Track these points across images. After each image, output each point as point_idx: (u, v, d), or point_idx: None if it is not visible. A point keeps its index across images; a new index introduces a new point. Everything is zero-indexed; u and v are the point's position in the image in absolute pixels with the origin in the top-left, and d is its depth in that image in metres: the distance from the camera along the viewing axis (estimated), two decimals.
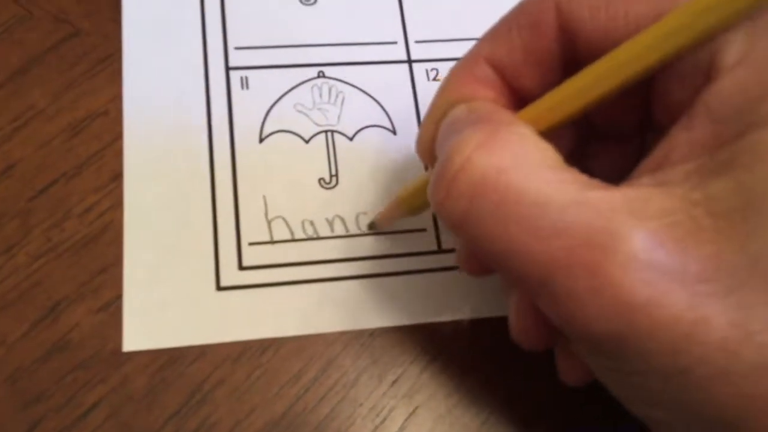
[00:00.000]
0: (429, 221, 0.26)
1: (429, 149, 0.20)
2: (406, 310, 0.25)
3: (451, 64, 0.27)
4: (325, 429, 0.23)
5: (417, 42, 0.29)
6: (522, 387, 0.24)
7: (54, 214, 0.24)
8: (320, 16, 0.29)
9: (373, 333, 0.25)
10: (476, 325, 0.25)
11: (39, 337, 0.23)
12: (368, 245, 0.25)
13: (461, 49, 0.28)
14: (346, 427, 0.23)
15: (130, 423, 0.22)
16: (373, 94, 0.28)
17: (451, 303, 0.25)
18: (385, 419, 0.23)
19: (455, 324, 0.25)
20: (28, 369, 0.23)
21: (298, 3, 0.29)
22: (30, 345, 0.23)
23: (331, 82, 0.28)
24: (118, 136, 0.26)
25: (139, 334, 0.23)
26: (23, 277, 0.24)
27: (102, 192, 0.25)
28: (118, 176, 0.25)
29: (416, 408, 0.24)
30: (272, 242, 0.25)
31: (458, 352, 0.25)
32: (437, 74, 0.28)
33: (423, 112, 0.27)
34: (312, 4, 0.29)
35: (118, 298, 0.24)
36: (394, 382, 0.24)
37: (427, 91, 0.28)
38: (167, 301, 0.24)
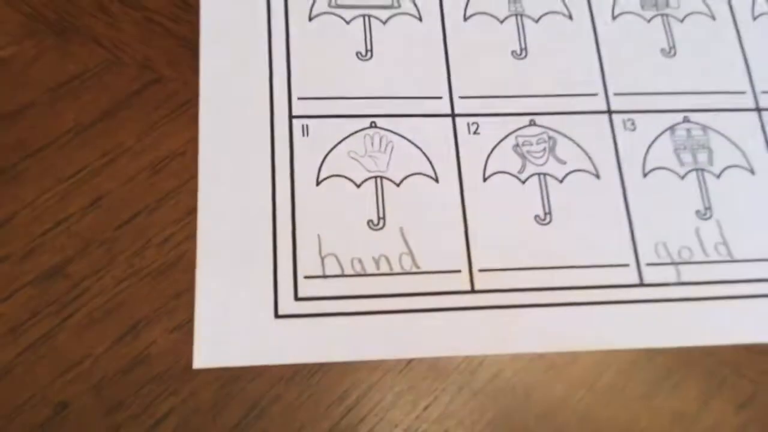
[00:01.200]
0: (465, 263, 0.29)
1: None
2: (440, 343, 0.28)
3: (491, 119, 0.30)
4: None
5: (461, 97, 0.32)
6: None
7: (136, 243, 0.28)
8: (375, 71, 0.32)
9: (410, 362, 0.28)
10: (498, 359, 0.28)
11: (121, 352, 0.26)
12: (408, 283, 0.29)
13: (501, 106, 0.31)
14: None
15: (200, 429, 0.26)
16: (419, 144, 0.31)
17: (483, 338, 0.28)
18: None
19: (482, 358, 0.28)
20: (111, 379, 0.26)
21: (356, 58, 0.32)
22: (113, 358, 0.26)
23: (382, 132, 0.31)
24: (194, 175, 0.29)
25: (208, 353, 0.27)
26: (108, 298, 0.27)
27: (178, 225, 0.28)
28: (192, 211, 0.29)
29: (446, 430, 0.27)
30: (324, 277, 0.28)
31: (481, 383, 0.28)
32: (477, 128, 0.31)
33: (463, 162, 0.30)
34: (368, 59, 0.32)
35: (190, 320, 0.27)
36: (426, 407, 0.27)
37: (468, 143, 0.31)
38: (232, 325, 0.27)
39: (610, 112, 0.32)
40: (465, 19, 0.33)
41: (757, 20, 0.35)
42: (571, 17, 0.34)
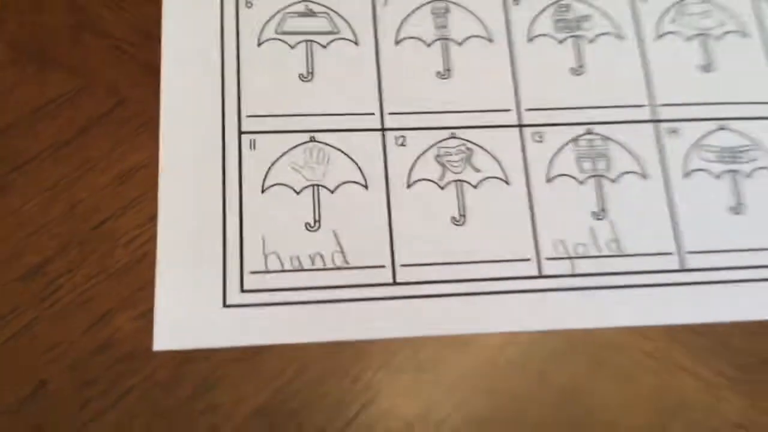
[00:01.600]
0: (389, 259, 0.34)
1: None
2: (365, 328, 0.33)
3: (416, 132, 0.35)
4: (297, 416, 0.31)
5: (390, 114, 0.37)
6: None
7: (105, 244, 0.33)
8: (315, 91, 0.37)
9: (339, 344, 0.33)
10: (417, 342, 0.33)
11: (92, 337, 0.31)
12: (339, 277, 0.33)
13: (426, 121, 0.35)
14: (315, 414, 0.31)
15: (156, 403, 0.31)
16: (352, 156, 0.36)
17: (402, 324, 0.33)
18: (348, 409, 0.32)
19: (402, 341, 0.33)
20: (83, 360, 0.31)
21: (298, 80, 0.37)
22: (85, 342, 0.31)
23: (320, 145, 0.36)
24: (155, 185, 0.34)
25: (166, 337, 0.32)
26: (81, 292, 0.32)
27: (142, 228, 0.33)
28: (154, 216, 0.33)
29: (375, 396, 0.32)
30: (267, 272, 0.33)
31: (400, 362, 0.33)
32: (404, 140, 0.36)
33: (390, 171, 0.35)
34: (309, 80, 0.37)
35: (151, 310, 0.32)
36: (354, 381, 0.32)
37: (395, 154, 0.36)
38: (187, 313, 0.32)
39: (521, 125, 0.37)
40: (396, 43, 0.38)
41: (660, 39, 0.39)
42: (491, 40, 0.38)
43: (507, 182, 0.36)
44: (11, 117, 0.34)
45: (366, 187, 0.35)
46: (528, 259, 0.35)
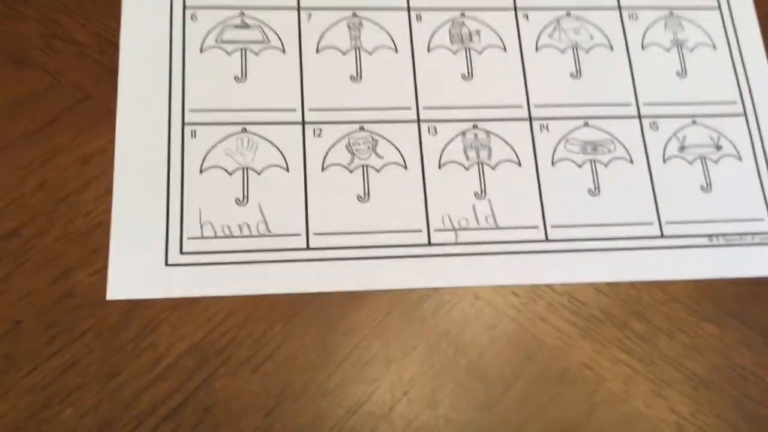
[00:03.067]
0: (303, 228, 0.41)
1: None
2: (282, 284, 0.40)
3: (331, 125, 0.42)
4: (223, 352, 0.39)
5: (310, 109, 0.44)
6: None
7: (69, 214, 0.40)
8: (247, 90, 0.44)
9: (258, 297, 0.40)
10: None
11: (57, 288, 0.39)
12: (262, 243, 0.41)
13: (340, 116, 0.43)
14: (238, 352, 0.39)
15: (108, 342, 0.38)
16: (277, 144, 0.43)
17: (312, 281, 0.41)
18: (266, 348, 0.39)
19: (311, 296, 0.40)
20: (50, 306, 0.38)
21: (234, 81, 0.44)
22: (50, 293, 0.39)
23: (250, 135, 0.43)
24: (111, 166, 0.41)
25: (117, 289, 0.39)
26: (49, 252, 0.39)
27: (99, 201, 0.41)
28: (109, 191, 0.41)
29: (286, 339, 0.39)
30: (203, 237, 0.41)
31: (308, 313, 0.40)
32: (321, 132, 0.44)
33: (308, 157, 0.43)
34: (243, 81, 0.44)
35: (106, 267, 0.39)
36: (266, 330, 0.40)
37: (313, 143, 0.43)
38: (135, 270, 0.39)
39: (419, 121, 0.45)
40: (317, 51, 0.46)
41: (539, 51, 0.47)
42: (396, 50, 0.46)
43: (405, 167, 0.43)
44: None
45: (287, 170, 0.43)
46: (420, 230, 0.42)
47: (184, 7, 0.45)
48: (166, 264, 0.40)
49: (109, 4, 0.44)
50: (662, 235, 0.43)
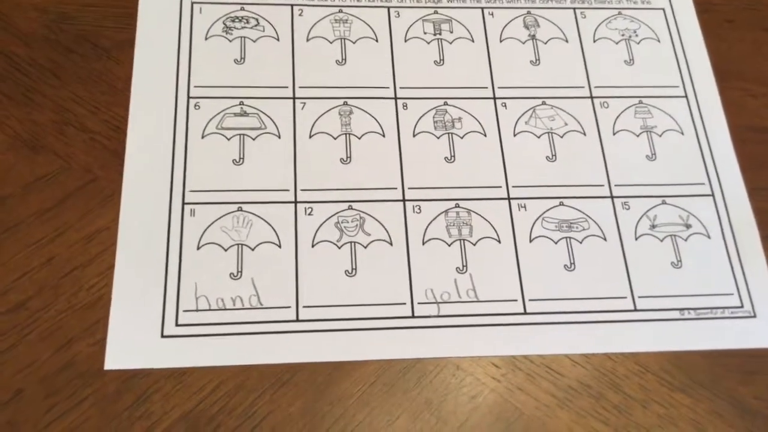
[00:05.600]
0: (293, 301, 0.44)
1: None
2: (273, 355, 0.42)
3: (321, 204, 0.45)
4: (214, 420, 0.40)
5: (302, 190, 0.47)
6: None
7: (73, 287, 0.43)
8: (244, 172, 0.47)
9: (249, 367, 0.42)
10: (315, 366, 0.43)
11: (59, 358, 0.41)
12: (254, 315, 0.43)
13: (330, 196, 0.46)
14: (228, 420, 0.40)
15: (105, 409, 0.40)
16: (270, 222, 0.46)
17: (303, 352, 0.43)
18: (255, 416, 0.41)
19: (298, 366, 0.42)
20: (51, 375, 0.41)
21: (232, 164, 0.48)
22: (52, 362, 0.41)
23: (245, 213, 0.46)
24: (114, 243, 0.44)
25: (115, 359, 0.41)
26: (53, 323, 0.42)
27: (102, 276, 0.43)
28: (111, 267, 0.43)
29: (275, 408, 0.41)
30: (197, 310, 0.43)
31: (297, 381, 0.42)
32: (312, 210, 0.47)
33: (299, 234, 0.45)
34: (240, 164, 0.48)
35: (105, 338, 0.42)
36: (256, 398, 0.41)
37: (304, 221, 0.46)
38: (133, 342, 0.42)
39: (404, 200, 0.48)
40: (310, 137, 0.49)
41: (517, 136, 0.50)
42: (384, 135, 0.50)
43: (391, 243, 0.46)
44: (8, 190, 0.45)
45: (280, 246, 0.45)
46: (404, 303, 0.45)
47: (188, 97, 0.49)
48: (162, 335, 0.42)
49: (118, 94, 0.48)
50: (635, 309, 0.45)
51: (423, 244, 0.46)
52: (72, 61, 0.49)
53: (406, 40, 0.53)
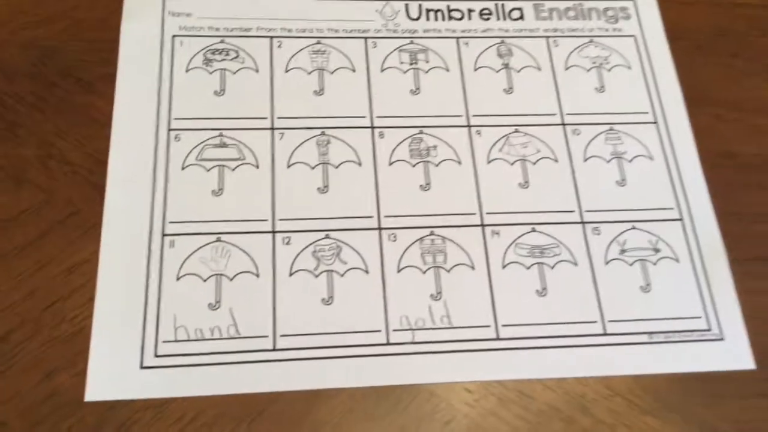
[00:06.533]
0: (271, 330, 0.45)
1: None
2: (251, 384, 0.43)
3: (299, 234, 0.46)
4: None
5: (280, 219, 0.48)
6: None
7: (54, 319, 0.44)
8: (223, 202, 0.48)
9: (227, 397, 0.43)
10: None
11: (41, 389, 0.42)
12: (232, 345, 0.44)
13: (307, 225, 0.47)
14: None
15: None
16: (248, 251, 0.47)
17: (281, 381, 0.44)
18: None
19: (278, 394, 0.43)
20: (34, 406, 0.41)
21: (211, 195, 0.49)
22: (34, 394, 0.42)
23: (224, 244, 0.47)
24: (95, 275, 0.45)
25: (96, 390, 0.42)
26: (35, 355, 0.43)
27: (83, 308, 0.44)
28: (92, 298, 0.44)
29: None
30: (176, 341, 0.44)
31: (276, 410, 0.43)
32: (289, 240, 0.48)
33: (277, 263, 0.46)
34: (220, 195, 0.49)
35: (86, 369, 0.43)
36: (233, 428, 0.42)
37: (282, 250, 0.47)
38: (113, 372, 0.43)
39: (380, 228, 0.49)
40: (288, 166, 0.50)
41: (490, 164, 0.52)
42: (360, 164, 0.51)
43: (367, 272, 0.47)
44: None
45: (258, 275, 0.47)
46: (379, 330, 0.46)
47: (169, 129, 0.50)
48: (142, 366, 0.43)
49: (100, 127, 0.49)
50: (605, 333, 0.46)
51: (398, 271, 0.47)
52: (55, 95, 0.50)
53: (382, 70, 0.54)
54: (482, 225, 0.49)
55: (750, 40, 0.58)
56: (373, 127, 0.52)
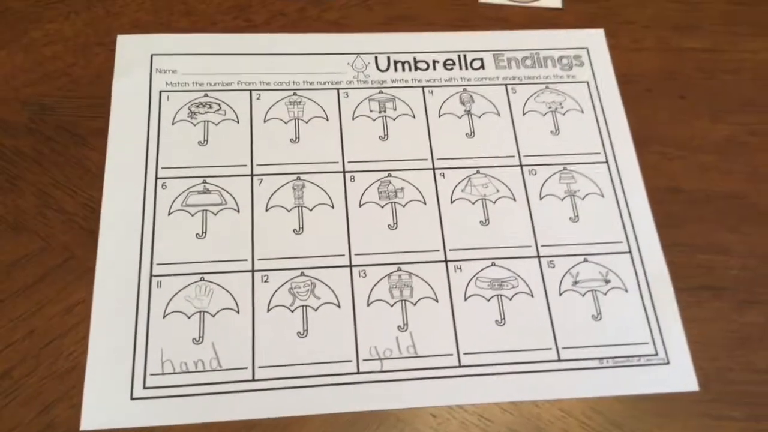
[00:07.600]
0: (250, 362, 0.49)
1: None
2: (230, 413, 0.47)
3: (276, 272, 0.51)
4: None
5: (259, 259, 0.53)
6: None
7: (52, 356, 0.48)
8: (205, 244, 0.53)
9: (211, 425, 0.47)
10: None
11: (40, 420, 0.46)
12: (214, 376, 0.48)
13: (283, 264, 0.51)
14: None
15: None
16: (229, 290, 0.51)
17: (259, 409, 0.48)
18: None
19: (256, 421, 0.47)
20: None
21: (195, 237, 0.53)
22: (34, 425, 0.46)
23: (207, 283, 0.51)
24: (89, 314, 0.49)
25: (90, 420, 0.46)
26: (34, 389, 0.47)
27: (79, 344, 0.48)
28: (86, 336, 0.49)
29: None
30: (163, 374, 0.48)
31: None
32: (267, 278, 0.52)
33: (256, 300, 0.51)
34: (203, 238, 0.53)
35: (80, 401, 0.47)
36: None
37: (260, 289, 0.51)
38: (105, 404, 0.47)
39: (351, 266, 0.53)
40: (266, 210, 0.55)
41: (453, 203, 0.56)
42: (333, 206, 0.55)
43: (339, 306, 0.51)
44: None
45: (238, 312, 0.51)
46: (350, 360, 0.50)
47: (156, 178, 0.55)
48: (132, 397, 0.47)
49: (93, 178, 0.54)
50: (559, 359, 0.50)
51: (368, 305, 0.51)
52: (52, 148, 0.55)
53: (353, 118, 0.59)
54: (446, 261, 0.53)
55: (696, 82, 0.63)
56: (344, 172, 0.56)
